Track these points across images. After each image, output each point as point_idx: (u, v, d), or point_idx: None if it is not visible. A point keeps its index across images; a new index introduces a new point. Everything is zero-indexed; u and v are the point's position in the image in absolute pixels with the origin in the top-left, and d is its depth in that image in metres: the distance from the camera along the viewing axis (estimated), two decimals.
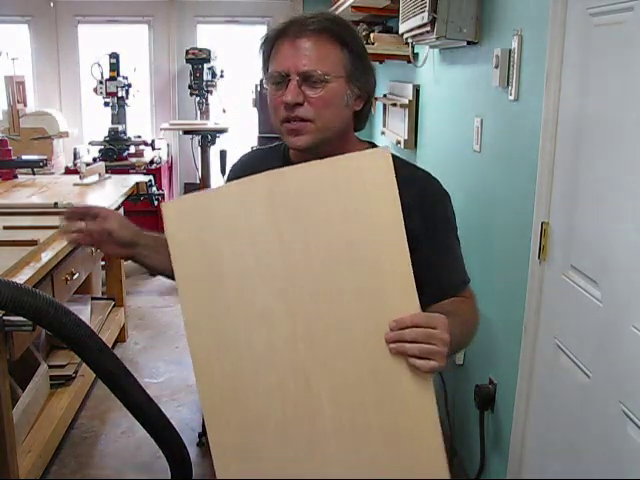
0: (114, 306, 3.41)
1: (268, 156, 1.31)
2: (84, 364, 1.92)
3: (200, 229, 1.00)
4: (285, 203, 0.98)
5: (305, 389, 0.98)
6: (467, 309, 1.18)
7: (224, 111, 4.88)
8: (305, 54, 1.10)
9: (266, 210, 0.98)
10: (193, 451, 2.39)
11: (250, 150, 1.46)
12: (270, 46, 1.15)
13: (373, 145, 1.25)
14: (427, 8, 2.09)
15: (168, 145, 5.08)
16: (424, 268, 1.16)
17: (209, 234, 0.99)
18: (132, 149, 4.60)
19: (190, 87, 4.74)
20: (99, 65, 4.58)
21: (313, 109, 1.11)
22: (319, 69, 1.10)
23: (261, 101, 4.43)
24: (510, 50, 1.82)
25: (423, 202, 1.16)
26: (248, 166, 1.29)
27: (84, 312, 2.95)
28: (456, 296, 1.19)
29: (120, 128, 4.54)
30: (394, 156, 1.24)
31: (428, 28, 2.15)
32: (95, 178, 3.33)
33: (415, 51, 2.87)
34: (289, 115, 1.11)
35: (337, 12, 3.50)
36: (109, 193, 3.11)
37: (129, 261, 1.34)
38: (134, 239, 1.26)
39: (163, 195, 3.98)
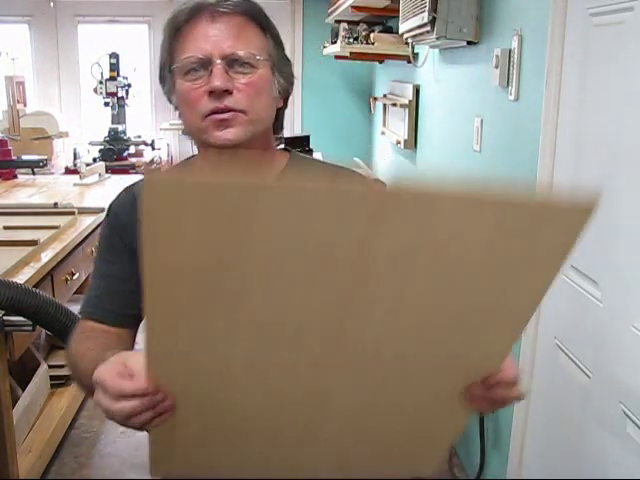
0: None
1: None
2: None
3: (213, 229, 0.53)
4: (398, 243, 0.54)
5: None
6: None
7: None
8: (229, 35, 0.91)
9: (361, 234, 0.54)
10: None
11: (128, 187, 1.04)
12: (175, 32, 0.94)
13: (288, 152, 1.06)
14: (427, 8, 2.08)
15: (168, 145, 5.08)
16: None
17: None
18: (132, 149, 4.60)
19: None
20: (99, 65, 4.57)
21: (244, 98, 0.92)
22: (247, 50, 0.92)
23: None
24: (510, 50, 1.82)
25: None
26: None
27: None
28: None
29: (120, 128, 4.53)
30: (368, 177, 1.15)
31: (428, 28, 2.15)
32: (95, 178, 3.33)
33: (415, 51, 2.87)
34: (217, 107, 0.90)
35: (337, 12, 3.48)
36: (109, 193, 3.11)
37: None
38: None
39: None
